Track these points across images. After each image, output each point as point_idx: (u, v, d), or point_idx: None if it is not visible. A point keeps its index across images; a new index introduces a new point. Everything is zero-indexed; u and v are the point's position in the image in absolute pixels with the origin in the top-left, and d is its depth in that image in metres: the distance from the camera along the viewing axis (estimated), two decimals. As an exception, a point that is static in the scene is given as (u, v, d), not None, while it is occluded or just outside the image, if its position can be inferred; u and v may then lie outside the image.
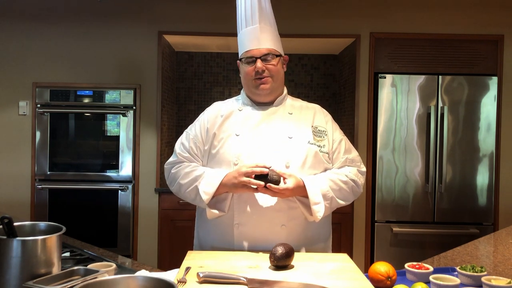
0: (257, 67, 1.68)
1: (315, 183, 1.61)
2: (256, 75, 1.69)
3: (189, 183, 1.66)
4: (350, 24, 3.63)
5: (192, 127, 1.80)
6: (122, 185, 3.58)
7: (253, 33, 1.71)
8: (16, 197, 3.59)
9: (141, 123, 3.63)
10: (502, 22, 3.62)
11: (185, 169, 1.70)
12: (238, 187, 1.56)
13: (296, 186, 1.57)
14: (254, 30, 1.71)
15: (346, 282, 1.30)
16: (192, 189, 1.65)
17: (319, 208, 1.59)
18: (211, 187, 1.60)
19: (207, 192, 1.60)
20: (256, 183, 1.53)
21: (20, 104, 3.60)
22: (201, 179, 1.64)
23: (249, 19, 1.72)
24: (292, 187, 1.56)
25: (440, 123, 3.52)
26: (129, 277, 1.04)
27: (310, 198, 1.58)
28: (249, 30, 1.72)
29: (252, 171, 1.54)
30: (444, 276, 1.34)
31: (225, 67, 4.37)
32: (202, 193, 1.60)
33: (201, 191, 1.61)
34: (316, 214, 1.59)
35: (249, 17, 1.72)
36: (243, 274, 1.33)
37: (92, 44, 3.62)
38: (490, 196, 3.57)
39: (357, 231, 3.62)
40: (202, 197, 1.60)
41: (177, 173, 1.72)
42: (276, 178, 1.54)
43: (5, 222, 1.15)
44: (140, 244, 3.61)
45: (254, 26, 1.71)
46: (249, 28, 1.72)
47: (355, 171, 1.75)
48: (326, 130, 1.75)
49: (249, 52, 1.70)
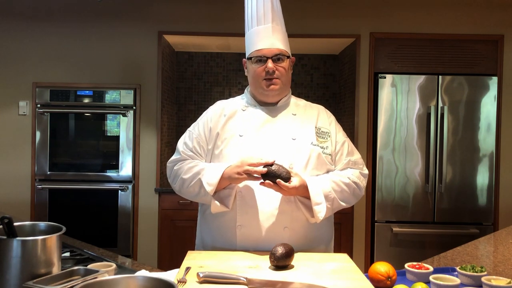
0: (268, 67, 1.66)
1: (317, 184, 1.61)
2: (267, 75, 1.67)
3: (192, 177, 1.66)
4: (350, 24, 3.63)
5: (195, 126, 1.79)
6: (122, 185, 3.58)
7: (265, 32, 1.68)
8: (16, 197, 3.59)
9: (141, 123, 3.63)
10: (502, 22, 3.62)
11: (188, 165, 1.70)
12: (240, 175, 1.54)
13: (301, 186, 1.56)
14: (266, 29, 1.68)
15: (346, 282, 1.30)
16: (195, 182, 1.64)
17: (320, 209, 1.58)
18: (214, 178, 1.58)
19: (210, 183, 1.59)
20: (258, 170, 1.51)
21: (20, 104, 3.60)
22: (203, 172, 1.63)
23: (261, 18, 1.69)
24: (298, 186, 1.55)
25: (440, 123, 3.52)
26: (129, 277, 1.04)
27: (312, 198, 1.57)
28: (260, 29, 1.69)
29: (259, 163, 1.53)
30: (444, 276, 1.34)
31: (225, 67, 4.37)
32: (206, 184, 1.59)
33: (204, 183, 1.60)
34: (318, 214, 1.58)
35: (261, 16, 1.69)
36: (243, 274, 1.32)
37: (92, 44, 3.62)
38: (490, 196, 3.57)
39: (357, 231, 3.62)
40: (206, 188, 1.58)
41: (180, 170, 1.72)
42: (285, 175, 1.53)
43: (5, 222, 1.15)
44: (140, 244, 3.61)
45: (266, 26, 1.68)
46: (261, 27, 1.69)
47: (358, 173, 1.74)
48: (330, 132, 1.75)
49: (260, 51, 1.67)
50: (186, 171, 1.69)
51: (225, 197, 1.62)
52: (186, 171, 1.69)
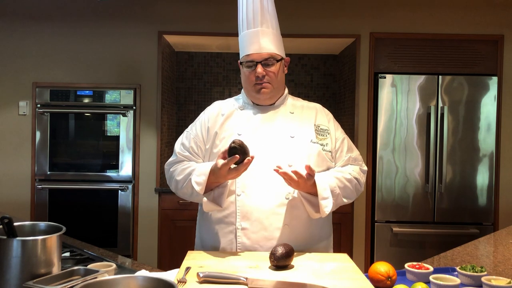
0: (257, 72, 1.65)
1: (324, 179, 1.62)
2: (257, 80, 1.67)
3: (184, 178, 1.66)
4: (350, 24, 3.63)
5: (193, 127, 1.80)
6: (122, 185, 3.58)
7: (254, 37, 1.68)
8: (16, 197, 3.59)
9: (141, 123, 3.63)
10: (502, 22, 3.62)
11: (182, 166, 1.71)
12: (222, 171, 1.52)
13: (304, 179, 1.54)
14: (255, 33, 1.68)
15: (346, 282, 1.30)
16: (187, 184, 1.64)
17: (327, 203, 1.58)
18: (201, 177, 1.58)
19: (198, 183, 1.58)
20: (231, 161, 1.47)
21: (20, 104, 3.60)
22: (193, 172, 1.63)
23: (251, 22, 1.69)
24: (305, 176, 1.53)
25: (440, 123, 3.52)
26: (129, 277, 1.04)
27: (319, 193, 1.57)
28: (249, 33, 1.69)
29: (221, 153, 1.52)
30: (444, 276, 1.34)
31: (225, 67, 4.37)
32: (195, 184, 1.58)
33: (193, 182, 1.59)
34: (324, 209, 1.58)
35: (251, 20, 1.69)
36: (243, 274, 1.33)
37: (92, 44, 3.62)
38: (490, 196, 3.57)
39: (357, 231, 3.62)
40: (195, 188, 1.58)
41: (174, 171, 1.73)
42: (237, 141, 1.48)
43: (5, 222, 1.15)
44: (140, 244, 3.61)
45: (255, 30, 1.68)
46: (250, 31, 1.69)
47: (358, 169, 1.76)
48: (329, 129, 1.75)
49: (250, 56, 1.67)
50: (179, 172, 1.70)
51: (218, 196, 1.61)
52: (180, 172, 1.69)
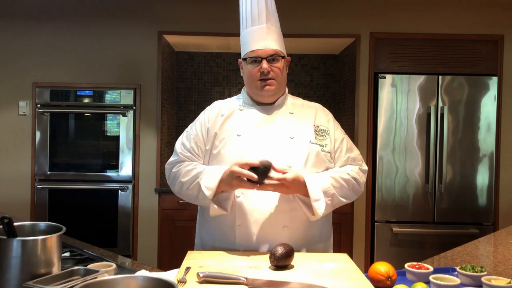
0: (262, 68, 1.65)
1: (315, 180, 1.60)
2: (261, 76, 1.67)
3: (191, 180, 1.65)
4: (350, 24, 3.63)
5: (193, 127, 1.79)
6: (122, 185, 3.58)
7: (259, 33, 1.68)
8: (16, 197, 3.59)
9: (141, 123, 3.63)
10: (502, 22, 3.62)
11: (186, 167, 1.69)
12: (233, 179, 1.52)
13: (296, 180, 1.54)
14: (260, 29, 1.68)
15: (346, 282, 1.30)
16: (194, 186, 1.63)
17: (319, 205, 1.58)
18: (213, 182, 1.58)
19: (209, 187, 1.58)
20: (247, 174, 1.48)
21: (20, 104, 3.60)
22: (202, 175, 1.62)
23: (256, 18, 1.69)
24: (291, 179, 1.52)
25: (440, 123, 3.52)
26: (129, 277, 1.04)
27: (311, 194, 1.57)
28: (255, 29, 1.69)
29: (245, 163, 1.51)
30: (444, 276, 1.33)
31: (225, 67, 4.37)
32: (204, 189, 1.59)
33: (203, 187, 1.59)
34: (317, 211, 1.58)
35: (256, 16, 1.69)
36: (243, 274, 1.32)
37: (92, 44, 3.62)
38: (490, 196, 3.57)
39: (357, 231, 3.62)
40: (205, 192, 1.58)
41: (178, 172, 1.71)
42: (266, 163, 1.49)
43: (5, 222, 1.15)
44: (140, 244, 3.61)
45: (260, 26, 1.68)
46: (255, 27, 1.69)
47: (357, 169, 1.74)
48: (328, 129, 1.75)
49: (255, 52, 1.67)
50: (184, 174, 1.68)
51: (224, 201, 1.61)
52: (185, 174, 1.68)
